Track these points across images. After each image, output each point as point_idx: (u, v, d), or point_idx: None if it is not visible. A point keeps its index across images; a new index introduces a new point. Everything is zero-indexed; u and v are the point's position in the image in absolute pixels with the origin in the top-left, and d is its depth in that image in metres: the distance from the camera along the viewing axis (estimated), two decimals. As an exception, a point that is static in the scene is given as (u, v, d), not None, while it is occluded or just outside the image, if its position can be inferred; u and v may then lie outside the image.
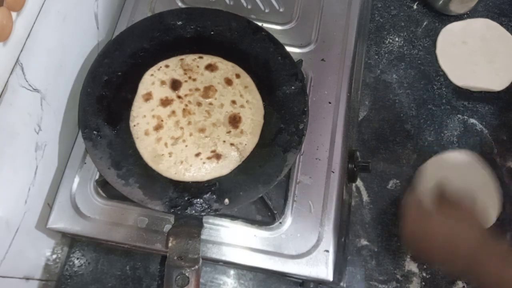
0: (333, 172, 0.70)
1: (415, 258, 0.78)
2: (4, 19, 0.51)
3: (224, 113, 0.69)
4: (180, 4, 0.83)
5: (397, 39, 0.97)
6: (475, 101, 0.91)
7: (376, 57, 0.95)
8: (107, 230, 0.66)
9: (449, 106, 0.90)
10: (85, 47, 0.76)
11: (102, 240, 0.67)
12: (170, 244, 0.61)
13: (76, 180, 0.69)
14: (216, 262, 0.68)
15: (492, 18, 0.98)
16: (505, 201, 0.81)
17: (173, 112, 0.68)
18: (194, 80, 0.71)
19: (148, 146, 0.66)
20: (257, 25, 0.74)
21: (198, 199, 0.62)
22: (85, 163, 0.70)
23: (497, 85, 0.92)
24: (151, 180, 0.64)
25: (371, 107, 0.90)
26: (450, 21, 0.98)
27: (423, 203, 0.66)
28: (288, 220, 0.67)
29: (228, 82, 0.71)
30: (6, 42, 0.53)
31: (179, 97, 0.70)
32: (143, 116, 0.68)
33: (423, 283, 0.77)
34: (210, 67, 0.72)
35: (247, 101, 0.70)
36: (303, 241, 0.66)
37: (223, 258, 0.65)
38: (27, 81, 0.58)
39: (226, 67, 0.73)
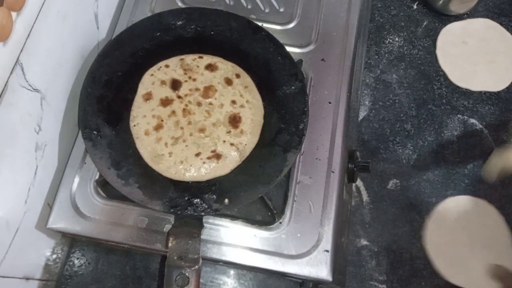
0: (333, 172, 0.70)
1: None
2: (4, 19, 0.51)
3: (224, 113, 0.69)
4: (180, 4, 0.83)
5: (397, 39, 0.97)
6: (475, 101, 0.91)
7: (376, 57, 0.95)
8: (107, 230, 0.66)
9: (449, 106, 0.91)
10: (85, 47, 0.76)
11: (102, 240, 0.67)
12: (170, 244, 0.61)
13: (76, 180, 0.69)
14: (216, 262, 0.68)
15: (492, 18, 0.98)
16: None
17: (173, 112, 0.68)
18: (194, 80, 0.71)
19: (148, 146, 0.66)
20: (257, 25, 0.74)
21: (198, 199, 0.62)
22: (85, 163, 0.70)
23: (497, 85, 0.92)
24: (151, 180, 0.64)
25: (371, 107, 0.90)
26: (450, 21, 0.98)
27: None
28: (288, 220, 0.67)
29: (228, 82, 0.71)
30: (6, 42, 0.53)
31: (179, 97, 0.70)
32: (143, 116, 0.68)
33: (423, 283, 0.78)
34: (210, 67, 0.72)
35: (247, 101, 0.70)
36: (303, 241, 0.66)
37: (223, 258, 0.65)
38: (27, 81, 0.58)
39: (226, 67, 0.73)
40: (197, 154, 0.66)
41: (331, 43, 0.80)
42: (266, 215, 0.70)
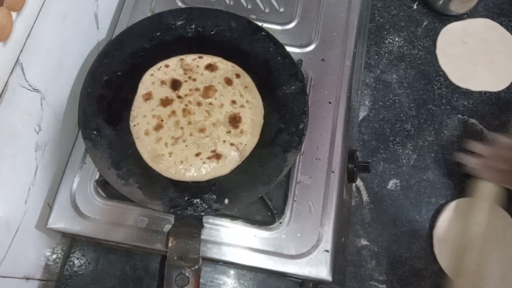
0: (333, 172, 0.70)
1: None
2: (4, 19, 0.51)
3: (224, 113, 0.69)
4: (180, 4, 0.83)
5: (397, 39, 0.97)
6: (475, 101, 0.91)
7: (376, 57, 0.95)
8: (107, 230, 0.66)
9: (449, 106, 0.90)
10: (85, 47, 0.76)
11: (102, 240, 0.67)
12: (170, 244, 0.61)
13: (76, 180, 0.69)
14: (216, 262, 0.68)
15: (492, 18, 0.98)
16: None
17: (173, 112, 0.68)
18: (194, 80, 0.71)
19: (148, 146, 0.66)
20: (257, 25, 0.74)
21: (198, 199, 0.62)
22: (85, 163, 0.70)
23: (497, 85, 0.92)
24: (151, 180, 0.64)
25: (371, 107, 0.90)
26: (450, 21, 0.98)
27: None
28: (288, 220, 0.67)
29: (228, 82, 0.71)
30: (6, 42, 0.53)
31: (179, 97, 0.70)
32: (143, 116, 0.68)
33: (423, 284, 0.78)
34: (210, 67, 0.72)
35: (247, 101, 0.70)
36: (303, 241, 0.66)
37: (223, 258, 0.65)
38: (27, 81, 0.58)
39: (226, 67, 0.73)
40: (197, 154, 0.66)
41: (331, 43, 0.80)
42: (266, 215, 0.70)
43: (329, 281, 0.65)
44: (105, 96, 0.68)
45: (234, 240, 0.66)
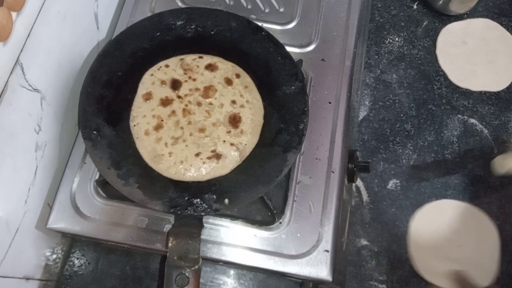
0: (333, 172, 0.70)
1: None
2: (4, 19, 0.51)
3: (224, 113, 0.69)
4: (180, 4, 0.83)
5: (397, 39, 0.97)
6: (475, 101, 0.91)
7: (376, 57, 0.95)
8: (107, 230, 0.66)
9: (449, 106, 0.91)
10: (85, 47, 0.76)
11: (102, 240, 0.67)
12: (170, 244, 0.61)
13: (76, 180, 0.69)
14: (216, 262, 0.68)
15: (492, 18, 0.98)
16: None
17: (173, 112, 0.68)
18: (194, 80, 0.71)
19: (148, 146, 0.66)
20: (257, 25, 0.74)
21: (198, 199, 0.62)
22: (85, 163, 0.70)
23: (497, 85, 0.92)
24: (151, 180, 0.64)
25: (371, 107, 0.90)
26: (450, 21, 0.98)
27: None
28: (288, 220, 0.67)
29: (228, 82, 0.71)
30: (6, 42, 0.53)
31: (179, 97, 0.70)
32: (143, 116, 0.68)
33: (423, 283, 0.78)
34: (210, 67, 0.72)
35: (247, 101, 0.70)
36: (303, 241, 0.66)
37: (223, 258, 0.65)
38: (27, 81, 0.58)
39: (226, 67, 0.73)
40: (197, 154, 0.66)
41: (331, 43, 0.80)
42: (266, 215, 0.70)
43: (329, 281, 0.65)
44: (105, 96, 0.68)
45: (234, 240, 0.66)
